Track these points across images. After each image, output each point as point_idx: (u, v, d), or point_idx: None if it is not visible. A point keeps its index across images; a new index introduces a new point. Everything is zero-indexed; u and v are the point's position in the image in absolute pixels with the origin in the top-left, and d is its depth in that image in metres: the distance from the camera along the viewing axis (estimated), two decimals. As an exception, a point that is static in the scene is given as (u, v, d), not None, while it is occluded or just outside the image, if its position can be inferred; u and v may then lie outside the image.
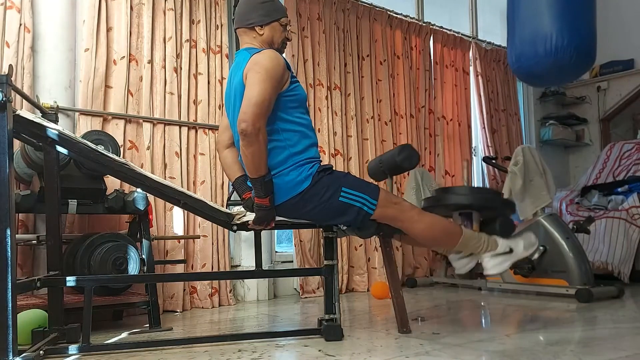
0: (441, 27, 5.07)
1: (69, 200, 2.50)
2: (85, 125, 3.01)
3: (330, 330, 2.21)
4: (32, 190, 2.45)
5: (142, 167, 3.09)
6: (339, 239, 2.54)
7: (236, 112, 2.13)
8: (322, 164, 2.23)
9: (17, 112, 1.83)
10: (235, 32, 2.33)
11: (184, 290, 3.28)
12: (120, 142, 3.09)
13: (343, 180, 2.19)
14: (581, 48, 2.94)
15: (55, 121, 2.37)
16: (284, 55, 2.26)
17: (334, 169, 2.25)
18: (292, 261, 3.92)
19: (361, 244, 4.11)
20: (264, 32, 2.23)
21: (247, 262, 3.68)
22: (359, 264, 4.11)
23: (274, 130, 2.13)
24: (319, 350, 2.03)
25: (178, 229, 3.31)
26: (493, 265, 2.26)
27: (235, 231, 2.24)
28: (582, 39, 2.94)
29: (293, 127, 2.17)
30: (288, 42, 2.34)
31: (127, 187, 2.93)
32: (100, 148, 2.11)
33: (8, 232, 1.70)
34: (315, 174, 2.14)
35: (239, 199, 2.35)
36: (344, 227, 2.30)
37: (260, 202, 2.08)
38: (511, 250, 2.28)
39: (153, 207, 3.13)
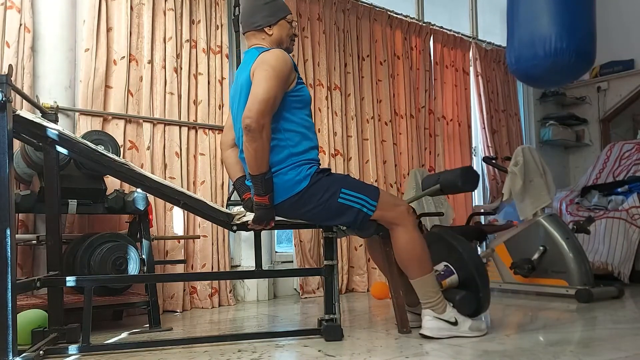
0: (441, 27, 5.07)
1: (69, 200, 2.50)
2: (85, 125, 3.01)
3: (330, 330, 2.21)
4: (32, 190, 2.45)
5: (142, 167, 3.09)
6: (339, 239, 2.54)
7: (240, 108, 2.14)
8: (320, 166, 2.23)
9: (17, 112, 1.83)
10: (237, 34, 2.34)
11: (184, 290, 3.28)
12: (120, 142, 3.09)
13: (342, 182, 2.19)
14: (580, 50, 2.94)
15: (55, 121, 2.37)
16: (291, 52, 2.27)
17: (332, 172, 2.25)
18: (292, 261, 3.92)
19: (361, 244, 4.11)
20: (273, 31, 2.24)
21: (247, 262, 3.68)
22: (359, 264, 4.11)
23: (277, 129, 2.13)
24: (319, 351, 2.03)
25: (178, 229, 3.31)
26: (432, 326, 2.16)
27: (235, 231, 2.24)
28: (581, 41, 2.94)
29: (295, 128, 2.17)
30: (296, 38, 2.36)
31: (127, 187, 2.93)
32: (100, 148, 2.11)
33: (8, 232, 1.70)
34: (313, 174, 2.15)
35: (239, 199, 2.35)
36: (344, 227, 2.30)
37: (260, 200, 2.08)
38: (456, 322, 2.19)
39: (153, 207, 3.13)
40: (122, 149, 3.10)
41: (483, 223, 4.50)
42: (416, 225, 2.25)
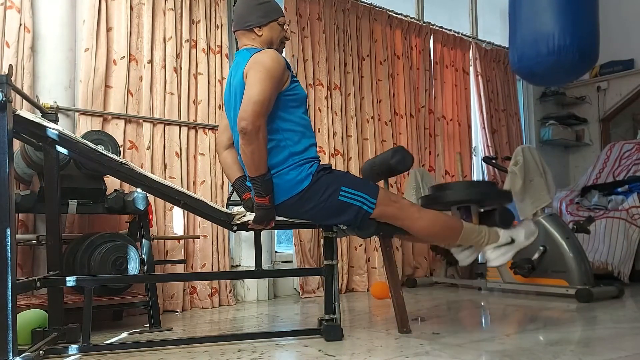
0: (441, 27, 5.07)
1: (69, 200, 2.50)
2: (85, 125, 3.01)
3: (330, 330, 2.21)
4: (32, 190, 2.45)
5: (142, 167, 3.09)
6: (339, 239, 2.54)
7: (236, 111, 2.13)
8: (321, 163, 2.23)
9: (17, 112, 1.83)
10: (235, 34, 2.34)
11: (184, 290, 3.28)
12: (120, 142, 3.09)
13: (342, 180, 2.19)
14: (583, 48, 2.94)
15: (55, 121, 2.37)
16: (283, 54, 2.26)
17: (333, 168, 2.25)
18: (292, 261, 3.92)
19: (361, 244, 4.11)
20: (263, 32, 2.24)
21: (247, 262, 3.68)
22: (359, 264, 4.11)
23: (274, 129, 2.13)
24: (319, 350, 2.03)
25: (178, 229, 3.31)
26: (496, 256, 2.28)
27: (235, 231, 2.24)
28: (584, 39, 2.94)
29: (293, 127, 2.17)
30: (287, 41, 2.36)
31: (127, 187, 2.93)
32: (100, 148, 2.11)
33: (8, 232, 1.70)
34: (314, 173, 2.15)
35: (239, 199, 2.35)
36: (344, 227, 2.30)
37: (260, 201, 2.08)
38: (513, 241, 2.30)
39: (153, 207, 3.13)
40: (122, 149, 3.10)
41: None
42: (421, 208, 2.30)
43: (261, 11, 2.24)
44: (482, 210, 2.47)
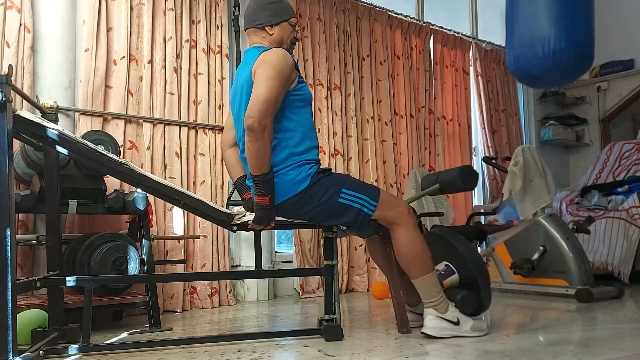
0: (441, 27, 5.07)
1: (69, 200, 2.50)
2: (85, 125, 3.01)
3: (330, 330, 2.21)
4: (32, 190, 2.45)
5: (142, 167, 3.09)
6: (339, 239, 2.53)
7: (242, 108, 2.14)
8: (320, 166, 2.23)
9: (17, 112, 1.83)
10: (237, 33, 2.34)
11: (184, 290, 3.28)
12: (120, 142, 3.09)
13: (342, 182, 2.19)
14: (579, 50, 2.94)
15: (55, 121, 2.37)
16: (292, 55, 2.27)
17: (333, 171, 2.25)
18: (292, 261, 3.92)
19: (361, 244, 4.11)
20: (274, 32, 2.24)
21: (247, 262, 3.68)
22: (359, 264, 4.11)
23: (278, 128, 2.13)
24: (319, 351, 2.03)
25: (178, 229, 3.31)
26: (434, 325, 2.16)
27: (235, 231, 2.24)
28: (580, 41, 2.94)
29: (296, 127, 2.17)
30: (297, 42, 2.35)
31: (127, 187, 2.93)
32: (100, 148, 2.11)
33: (8, 232, 1.70)
34: (314, 174, 2.14)
35: (240, 198, 2.35)
36: (344, 227, 2.30)
37: (261, 200, 2.08)
38: (458, 322, 2.19)
39: (153, 207, 3.13)
40: (122, 149, 3.10)
41: (483, 223, 4.50)
42: (416, 225, 2.25)
43: (271, 10, 2.24)
44: (458, 282, 2.39)
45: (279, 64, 2.07)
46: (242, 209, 2.28)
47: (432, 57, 4.94)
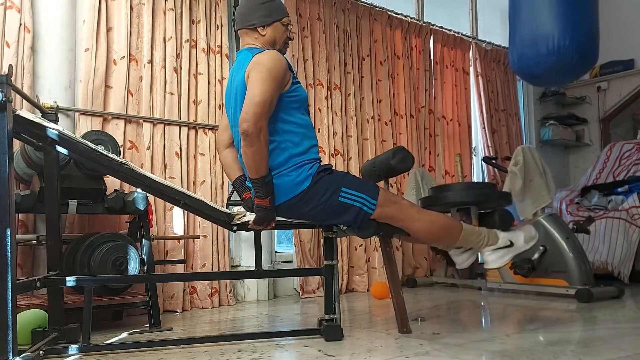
0: (441, 27, 5.07)
1: (69, 200, 2.50)
2: (85, 125, 3.01)
3: (330, 330, 2.21)
4: (32, 190, 2.45)
5: (142, 167, 3.09)
6: (339, 239, 2.53)
7: (237, 112, 2.13)
8: (321, 164, 2.22)
9: (17, 112, 1.83)
10: (237, 33, 2.34)
11: (184, 290, 3.28)
12: (120, 142, 3.09)
13: (343, 180, 2.19)
14: (583, 48, 2.94)
15: (55, 121, 2.37)
16: (284, 55, 2.26)
17: (333, 169, 2.25)
18: (292, 261, 3.92)
19: (361, 244, 4.11)
20: (267, 32, 2.23)
21: (247, 262, 3.68)
22: (359, 264, 4.11)
23: (275, 130, 2.12)
24: (319, 350, 2.03)
25: (178, 229, 3.31)
26: (494, 259, 2.26)
27: (235, 231, 2.24)
28: (584, 39, 2.94)
29: (294, 128, 2.16)
30: (290, 42, 2.35)
31: (127, 187, 2.93)
32: (100, 148, 2.11)
33: (8, 232, 1.70)
34: (315, 174, 2.14)
35: (239, 199, 2.35)
36: (344, 227, 2.30)
37: (261, 202, 2.08)
38: (512, 244, 2.28)
39: (153, 207, 3.13)
40: (122, 149, 3.10)
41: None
42: (421, 209, 2.29)
43: (264, 10, 2.23)
44: (481, 211, 2.46)
45: (272, 66, 2.06)
46: (242, 209, 2.28)
47: (432, 57, 4.95)
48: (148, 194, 2.59)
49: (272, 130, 2.09)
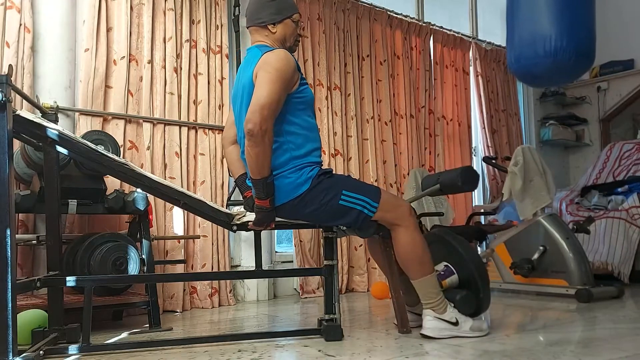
0: (441, 27, 5.07)
1: (69, 200, 2.50)
2: (85, 125, 3.01)
3: (330, 330, 2.21)
4: (32, 190, 2.45)
5: (142, 167, 3.09)
6: (339, 239, 2.53)
7: (243, 109, 2.12)
8: (322, 167, 2.22)
9: (17, 112, 1.83)
10: (237, 33, 2.33)
11: (184, 290, 3.28)
12: (120, 142, 3.09)
13: (343, 183, 2.18)
14: (580, 49, 2.95)
15: (55, 121, 2.37)
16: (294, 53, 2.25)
17: (333, 173, 2.24)
18: (292, 261, 3.92)
19: (361, 244, 4.11)
20: (277, 30, 2.21)
21: (247, 262, 3.68)
22: (359, 264, 4.11)
23: (279, 131, 2.11)
24: (319, 351, 2.03)
25: (178, 229, 3.31)
26: (433, 326, 2.16)
27: (235, 231, 2.24)
28: (581, 40, 2.95)
29: (298, 130, 2.15)
30: (300, 39, 2.33)
31: (127, 187, 2.93)
32: (100, 148, 2.11)
33: (8, 232, 1.70)
34: (315, 177, 2.13)
35: (241, 197, 2.35)
36: (344, 228, 2.30)
37: (261, 203, 2.07)
38: (457, 323, 2.18)
39: (153, 207, 3.13)
40: (122, 149, 3.10)
41: (483, 223, 4.50)
42: (417, 226, 2.24)
43: (274, 7, 2.20)
44: (457, 283, 2.39)
45: (281, 67, 2.04)
46: (242, 209, 2.28)
47: (432, 57, 4.95)
48: (148, 194, 2.59)
49: (275, 131, 2.07)
